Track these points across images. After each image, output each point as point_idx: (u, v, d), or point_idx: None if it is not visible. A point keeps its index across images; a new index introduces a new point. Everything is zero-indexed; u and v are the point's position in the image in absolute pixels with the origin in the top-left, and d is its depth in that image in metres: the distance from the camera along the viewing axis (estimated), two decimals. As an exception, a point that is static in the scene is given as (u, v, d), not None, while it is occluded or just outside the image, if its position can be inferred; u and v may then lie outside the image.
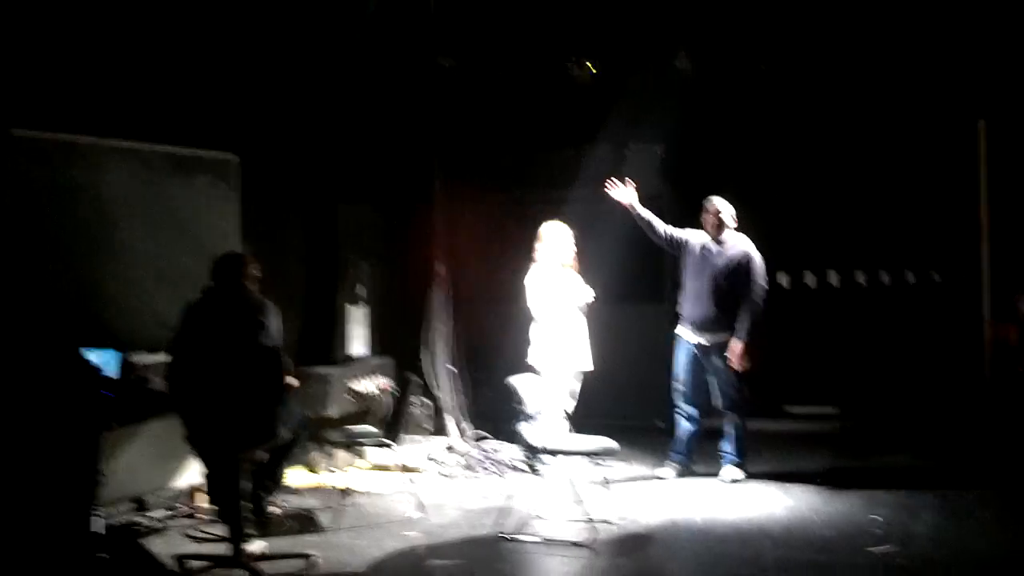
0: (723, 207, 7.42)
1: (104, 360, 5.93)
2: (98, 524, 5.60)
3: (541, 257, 7.69)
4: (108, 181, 6.59)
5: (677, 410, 7.55)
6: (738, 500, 6.87)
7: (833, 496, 6.87)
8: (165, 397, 5.69)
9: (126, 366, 6.08)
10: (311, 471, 7.84)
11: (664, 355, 9.14)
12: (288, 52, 7.73)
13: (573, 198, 9.00)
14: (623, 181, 7.60)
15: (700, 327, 7.36)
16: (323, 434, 7.08)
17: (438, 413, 8.59)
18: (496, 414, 8.28)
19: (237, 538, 5.52)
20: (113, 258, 6.59)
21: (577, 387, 7.74)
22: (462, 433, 8.42)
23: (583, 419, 7.85)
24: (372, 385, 8.29)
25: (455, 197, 9.14)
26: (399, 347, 8.80)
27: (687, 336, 7.44)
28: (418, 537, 6.21)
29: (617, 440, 7.01)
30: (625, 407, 9.03)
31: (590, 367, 7.71)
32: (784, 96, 9.14)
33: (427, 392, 8.59)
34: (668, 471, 7.50)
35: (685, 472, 7.49)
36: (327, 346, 8.23)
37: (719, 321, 7.28)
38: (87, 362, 5.70)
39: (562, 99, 9.08)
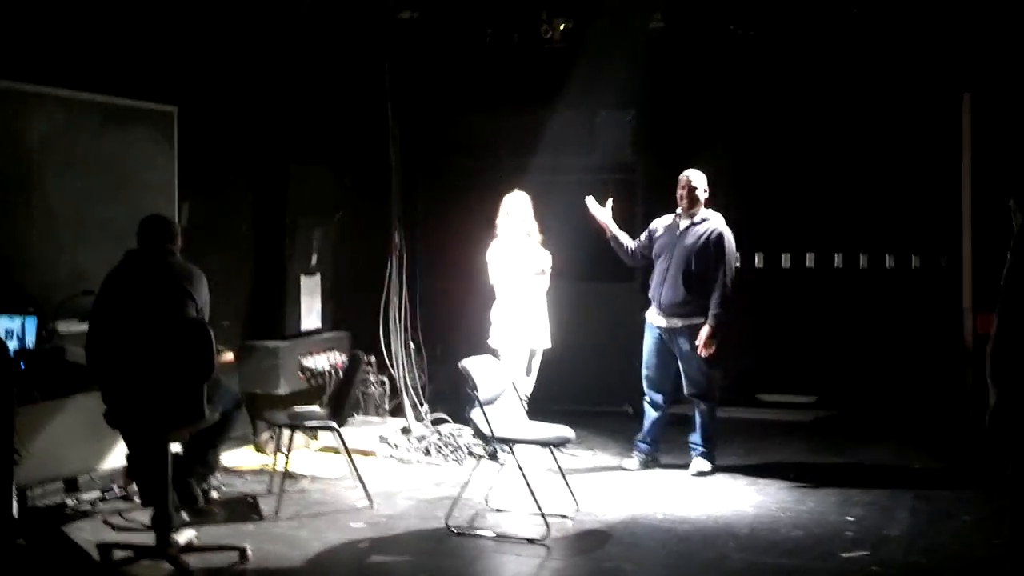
0: (696, 180, 7.00)
1: (18, 327, 5.46)
2: (14, 508, 5.14)
3: (502, 230, 7.32)
4: (28, 130, 6.02)
5: (644, 397, 7.16)
6: (704, 495, 6.48)
7: (805, 493, 6.49)
8: (87, 369, 5.22)
9: (44, 334, 5.58)
10: (258, 452, 7.42)
11: (635, 337, 8.80)
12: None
13: (539, 166, 8.55)
14: (603, 199, 7.16)
15: (667, 310, 6.95)
16: (266, 414, 6.63)
17: (395, 393, 8.16)
18: (456, 395, 7.86)
19: (162, 527, 5.11)
20: (33, 214, 6.04)
21: (536, 367, 7.36)
22: (419, 415, 7.98)
23: (547, 403, 7.51)
24: (325, 361, 7.86)
25: (414, 161, 8.66)
26: (356, 321, 8.33)
27: (654, 319, 7.04)
28: (363, 529, 5.82)
29: (583, 427, 6.65)
30: (593, 392, 8.69)
31: (548, 344, 7.33)
32: (762, 64, 8.71)
33: (384, 370, 8.16)
34: (632, 461, 7.12)
35: (650, 463, 7.11)
36: (277, 318, 7.73)
37: (687, 303, 6.88)
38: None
39: (530, 60, 8.58)
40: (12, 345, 5.41)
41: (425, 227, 8.90)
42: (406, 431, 7.69)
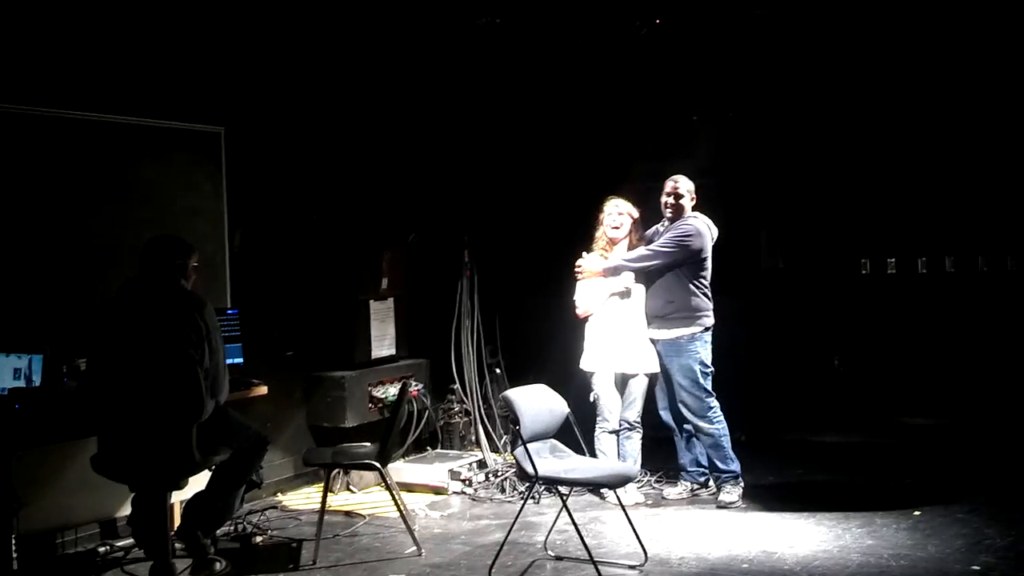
0: (683, 185, 6.38)
1: (26, 365, 5.08)
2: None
3: (598, 242, 6.56)
4: (55, 156, 5.63)
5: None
6: (802, 537, 5.54)
7: (928, 536, 5.48)
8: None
9: (53, 372, 5.16)
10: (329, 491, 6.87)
11: (745, 356, 7.96)
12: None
13: (634, 174, 7.77)
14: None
15: (651, 322, 6.40)
16: (307, 452, 6.08)
17: (470, 423, 7.53)
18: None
19: (160, 584, 4.59)
20: (62, 247, 5.66)
21: (636, 393, 6.49)
22: (497, 448, 7.30)
23: (648, 431, 6.71)
24: (397, 391, 7.28)
25: (492, 171, 8.03)
26: (435, 347, 7.71)
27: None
28: (400, 581, 5.17)
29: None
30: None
31: (649, 369, 6.45)
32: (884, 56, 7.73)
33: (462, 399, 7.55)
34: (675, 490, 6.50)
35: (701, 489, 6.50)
36: (343, 347, 7.18)
37: (664, 315, 6.33)
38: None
39: (618, 63, 7.84)
40: (18, 385, 5.04)
41: (501, 243, 8.18)
42: (481, 465, 7.04)
